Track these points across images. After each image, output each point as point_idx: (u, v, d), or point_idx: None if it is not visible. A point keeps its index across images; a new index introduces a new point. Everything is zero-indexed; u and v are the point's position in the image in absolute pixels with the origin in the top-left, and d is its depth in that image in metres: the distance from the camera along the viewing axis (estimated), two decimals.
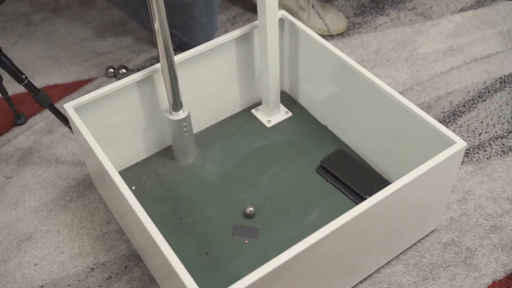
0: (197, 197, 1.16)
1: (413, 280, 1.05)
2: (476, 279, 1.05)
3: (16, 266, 1.10)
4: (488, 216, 1.15)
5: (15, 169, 1.28)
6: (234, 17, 1.68)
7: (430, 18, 1.65)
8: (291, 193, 1.16)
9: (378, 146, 1.15)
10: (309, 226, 1.09)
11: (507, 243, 1.10)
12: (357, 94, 1.13)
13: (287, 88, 1.37)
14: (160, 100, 1.16)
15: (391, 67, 1.50)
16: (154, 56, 1.56)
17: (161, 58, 1.03)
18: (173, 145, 1.21)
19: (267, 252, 1.06)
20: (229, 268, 1.04)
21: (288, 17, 1.22)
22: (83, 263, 1.10)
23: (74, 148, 1.32)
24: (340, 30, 1.59)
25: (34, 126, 1.38)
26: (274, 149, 1.25)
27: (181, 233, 1.10)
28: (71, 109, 1.05)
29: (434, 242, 1.10)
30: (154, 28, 0.97)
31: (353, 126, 1.20)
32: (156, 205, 1.15)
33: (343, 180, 1.15)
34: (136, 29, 1.65)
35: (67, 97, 1.45)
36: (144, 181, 1.20)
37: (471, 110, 1.37)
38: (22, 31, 1.67)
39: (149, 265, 1.07)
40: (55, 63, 1.55)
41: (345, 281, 1.01)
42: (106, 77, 1.50)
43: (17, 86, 1.43)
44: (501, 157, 1.26)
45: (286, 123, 1.31)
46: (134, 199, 0.90)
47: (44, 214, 1.19)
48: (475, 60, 1.50)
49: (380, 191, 0.89)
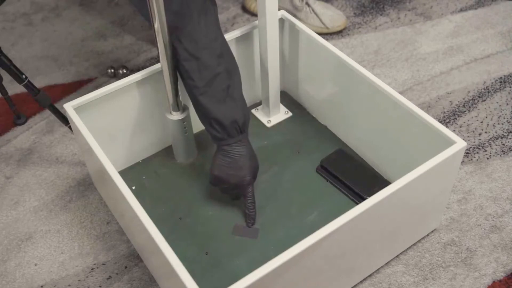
0: (197, 197, 1.16)
1: (413, 280, 1.05)
2: (476, 279, 1.05)
3: (16, 266, 1.10)
4: (488, 216, 1.15)
5: (15, 169, 1.28)
6: (234, 17, 1.68)
7: (430, 18, 1.65)
8: (291, 193, 1.16)
9: (378, 146, 1.15)
10: (309, 226, 1.09)
11: (507, 243, 1.10)
12: (357, 94, 1.13)
13: (287, 88, 1.37)
14: (160, 100, 1.16)
15: (391, 67, 1.50)
16: (154, 56, 1.56)
17: (161, 58, 1.03)
18: (173, 145, 1.21)
19: (267, 252, 1.06)
20: (229, 268, 1.04)
21: (288, 17, 1.22)
22: (83, 263, 1.10)
23: (74, 148, 1.32)
24: (339, 28, 1.59)
25: (34, 126, 1.38)
26: (274, 149, 1.25)
27: (181, 233, 1.10)
28: (71, 109, 1.05)
29: (434, 242, 1.10)
30: (154, 28, 0.97)
31: (353, 126, 1.20)
32: (156, 205, 1.15)
33: (343, 180, 1.15)
34: (136, 29, 1.65)
35: (67, 97, 1.45)
36: (144, 181, 1.20)
37: (471, 110, 1.37)
38: (22, 31, 1.67)
39: (149, 265, 1.07)
40: (55, 63, 1.55)
41: (345, 281, 1.01)
42: (106, 77, 1.50)
43: (17, 86, 1.43)
44: (501, 157, 1.26)
45: (286, 123, 1.31)
46: (134, 199, 0.90)
47: (44, 214, 1.19)
48: (475, 60, 1.50)
49: (380, 191, 0.89)
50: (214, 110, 1.02)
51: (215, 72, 1.02)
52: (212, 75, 1.01)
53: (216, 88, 1.02)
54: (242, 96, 1.06)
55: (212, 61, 1.02)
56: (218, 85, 1.02)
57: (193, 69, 1.02)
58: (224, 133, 1.03)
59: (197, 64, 1.01)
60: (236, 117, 1.02)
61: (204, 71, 1.01)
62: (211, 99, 1.02)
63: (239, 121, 1.02)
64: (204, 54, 1.01)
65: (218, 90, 1.02)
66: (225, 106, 1.02)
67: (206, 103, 1.02)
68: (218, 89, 1.02)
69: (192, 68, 1.02)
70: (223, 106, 1.02)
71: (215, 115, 1.02)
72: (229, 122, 1.02)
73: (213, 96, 1.02)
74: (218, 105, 1.02)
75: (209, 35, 1.02)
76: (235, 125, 1.02)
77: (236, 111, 1.02)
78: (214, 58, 1.02)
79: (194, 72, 1.02)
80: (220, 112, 1.02)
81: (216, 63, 1.02)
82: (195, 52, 1.01)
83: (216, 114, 1.02)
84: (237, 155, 1.04)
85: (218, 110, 1.02)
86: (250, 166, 1.05)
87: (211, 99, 1.02)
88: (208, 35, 1.02)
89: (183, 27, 1.00)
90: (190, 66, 1.02)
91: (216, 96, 1.02)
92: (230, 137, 1.03)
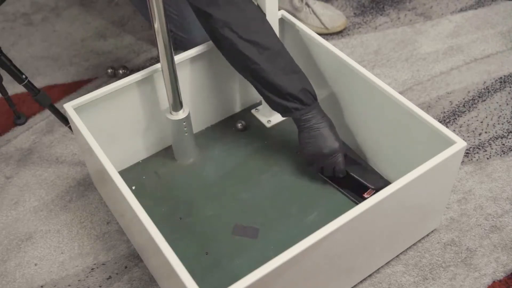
0: (197, 197, 1.16)
1: (413, 280, 1.05)
2: (476, 279, 1.05)
3: (16, 266, 1.10)
4: (488, 216, 1.15)
5: (15, 169, 1.28)
6: None
7: (430, 18, 1.65)
8: (291, 193, 1.16)
9: (378, 146, 1.15)
10: (309, 226, 1.09)
11: (507, 243, 1.10)
12: (357, 94, 1.13)
13: None
14: (160, 100, 1.16)
15: (391, 67, 1.50)
16: (154, 56, 1.56)
17: (161, 58, 1.03)
18: (173, 145, 1.21)
19: (267, 252, 1.06)
20: (229, 268, 1.04)
21: (288, 17, 1.22)
22: (83, 263, 1.10)
23: (74, 148, 1.32)
24: (339, 28, 1.59)
25: (34, 126, 1.38)
26: (274, 149, 1.25)
27: (181, 233, 1.10)
28: (71, 109, 1.05)
29: (434, 242, 1.10)
30: (154, 28, 0.97)
31: (353, 126, 1.20)
32: (156, 205, 1.14)
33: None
34: (136, 29, 1.65)
35: (67, 97, 1.45)
36: (144, 181, 1.20)
37: (471, 110, 1.37)
38: (22, 31, 1.67)
39: (149, 265, 1.07)
40: (55, 63, 1.55)
41: (345, 281, 1.01)
42: (106, 77, 1.50)
43: (17, 86, 1.43)
44: (501, 157, 1.26)
45: (286, 123, 1.31)
46: (134, 199, 0.90)
47: (44, 214, 1.19)
48: (475, 60, 1.50)
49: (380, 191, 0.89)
50: (286, 85, 1.07)
51: (275, 50, 1.07)
52: (274, 54, 1.07)
53: (279, 64, 1.07)
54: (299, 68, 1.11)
55: (269, 41, 1.07)
56: (281, 61, 1.07)
57: (254, 53, 1.06)
58: (300, 104, 1.08)
59: (257, 48, 1.06)
60: (305, 86, 1.08)
61: (265, 51, 1.06)
62: (280, 76, 1.07)
63: (309, 89, 1.09)
64: (260, 36, 1.06)
65: (282, 67, 1.07)
66: (292, 78, 1.08)
67: (278, 81, 1.07)
68: (282, 65, 1.07)
69: (253, 53, 1.06)
70: (291, 78, 1.07)
71: (289, 90, 1.07)
72: (302, 92, 1.07)
73: (279, 73, 1.07)
74: (287, 79, 1.07)
75: (257, 18, 1.08)
76: (307, 94, 1.08)
77: (303, 81, 1.09)
78: (270, 38, 1.08)
79: (256, 56, 1.06)
80: (292, 85, 1.07)
81: (273, 42, 1.08)
82: (250, 37, 1.05)
83: (289, 88, 1.07)
84: (320, 127, 1.10)
85: (290, 84, 1.07)
86: (335, 133, 1.11)
87: (280, 76, 1.07)
88: (256, 18, 1.07)
89: (233, 17, 1.04)
90: (250, 52, 1.06)
91: (282, 71, 1.07)
92: (306, 105, 1.08)
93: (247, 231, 1.09)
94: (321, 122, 1.10)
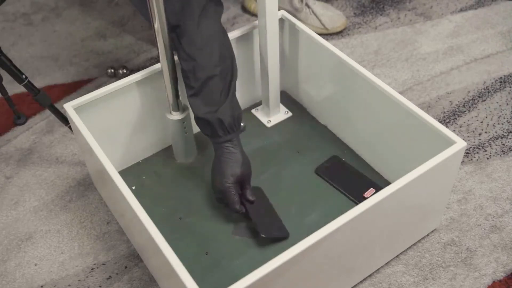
0: (197, 197, 1.16)
1: (413, 280, 1.05)
2: (476, 279, 1.05)
3: (16, 266, 1.10)
4: (488, 216, 1.15)
5: (15, 169, 1.28)
6: (234, 17, 1.68)
7: (430, 18, 1.65)
8: (290, 193, 1.16)
9: (378, 146, 1.15)
10: (309, 226, 1.09)
11: (507, 243, 1.10)
12: (357, 94, 1.13)
13: (287, 88, 1.37)
14: (160, 100, 1.16)
15: (391, 67, 1.50)
16: (154, 56, 1.56)
17: (161, 58, 1.03)
18: (173, 145, 1.21)
19: (267, 252, 1.06)
20: (229, 268, 1.04)
21: (288, 17, 1.22)
22: (83, 263, 1.10)
23: (74, 148, 1.32)
24: (339, 28, 1.59)
25: (34, 126, 1.38)
26: (274, 149, 1.25)
27: (181, 233, 1.10)
28: (71, 109, 1.05)
29: (434, 242, 1.10)
30: (154, 28, 0.97)
31: (353, 126, 1.20)
32: (156, 205, 1.14)
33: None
34: (136, 29, 1.65)
35: (67, 97, 1.45)
36: (144, 181, 1.20)
37: (471, 110, 1.37)
38: (22, 31, 1.67)
39: (149, 265, 1.07)
40: (55, 63, 1.55)
41: (345, 281, 1.01)
42: (106, 77, 1.50)
43: (17, 86, 1.43)
44: (501, 157, 1.26)
45: (286, 123, 1.30)
46: (134, 199, 0.90)
47: (44, 214, 1.19)
48: (475, 60, 1.50)
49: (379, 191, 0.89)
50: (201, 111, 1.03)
51: (209, 74, 1.02)
52: (206, 77, 1.02)
53: (208, 90, 1.03)
54: (234, 98, 1.06)
55: (208, 63, 1.02)
56: (211, 87, 1.03)
57: (189, 69, 1.03)
58: (211, 131, 1.04)
59: (193, 65, 1.02)
60: (223, 118, 1.02)
61: (199, 72, 1.02)
62: (202, 101, 1.03)
63: (225, 122, 1.03)
64: (200, 55, 1.02)
65: (210, 93, 1.03)
66: (214, 107, 1.03)
67: (198, 104, 1.03)
68: (210, 92, 1.03)
69: (189, 69, 1.03)
70: (213, 108, 1.03)
71: (203, 116, 1.03)
72: (216, 121, 1.03)
73: (204, 98, 1.03)
74: (207, 107, 1.03)
75: (208, 37, 1.02)
76: (222, 125, 1.03)
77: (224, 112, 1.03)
78: (211, 60, 1.02)
79: (190, 72, 1.03)
80: (209, 113, 1.02)
81: (213, 66, 1.02)
82: (192, 53, 1.02)
83: (205, 114, 1.03)
84: (222, 158, 1.05)
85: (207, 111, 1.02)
86: (232, 170, 1.05)
87: (202, 101, 1.03)
88: (207, 37, 1.02)
89: (182, 27, 1.01)
90: (187, 66, 1.03)
91: (207, 99, 1.03)
92: (217, 136, 1.05)
93: (247, 231, 1.09)
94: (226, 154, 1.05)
